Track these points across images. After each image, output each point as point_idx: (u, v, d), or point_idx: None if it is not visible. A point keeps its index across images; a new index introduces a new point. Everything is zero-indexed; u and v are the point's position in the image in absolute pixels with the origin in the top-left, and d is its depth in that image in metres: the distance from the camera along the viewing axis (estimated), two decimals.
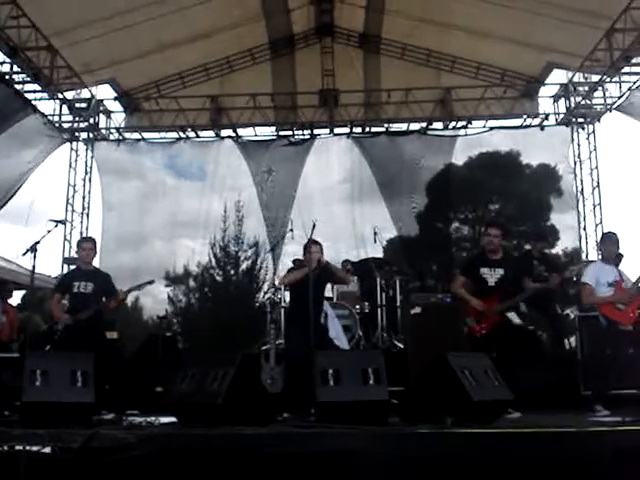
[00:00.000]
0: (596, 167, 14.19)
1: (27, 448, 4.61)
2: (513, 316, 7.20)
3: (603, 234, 8.05)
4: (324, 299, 8.16)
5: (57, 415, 5.31)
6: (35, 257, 6.84)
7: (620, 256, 8.09)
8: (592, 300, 7.57)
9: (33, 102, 12.72)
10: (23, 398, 5.64)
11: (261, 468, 4.48)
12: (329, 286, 11.05)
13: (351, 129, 14.63)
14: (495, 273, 7.29)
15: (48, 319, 8.81)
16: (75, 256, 8.28)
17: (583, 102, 13.83)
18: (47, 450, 4.70)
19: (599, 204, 14.02)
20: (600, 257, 7.89)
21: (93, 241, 8.36)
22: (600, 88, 13.38)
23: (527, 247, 11.09)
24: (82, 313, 7.60)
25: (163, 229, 14.93)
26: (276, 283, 12.27)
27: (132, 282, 8.20)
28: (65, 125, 14.29)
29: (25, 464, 4.48)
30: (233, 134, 14.77)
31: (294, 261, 10.19)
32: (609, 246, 7.59)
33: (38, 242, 6.91)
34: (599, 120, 14.08)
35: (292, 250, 11.91)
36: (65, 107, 13.92)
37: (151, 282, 8.16)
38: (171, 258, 15.77)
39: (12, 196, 12.56)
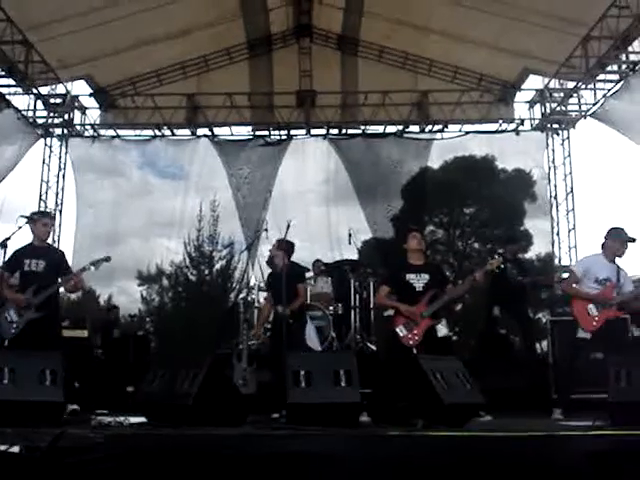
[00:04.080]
0: (570, 173, 14.31)
1: None
2: (442, 327, 7.11)
3: (610, 228, 7.33)
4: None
5: (25, 414, 5.24)
6: (5, 253, 6.73)
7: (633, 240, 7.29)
8: (569, 289, 7.45)
9: (7, 97, 12.58)
10: None
11: (230, 469, 4.45)
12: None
13: (328, 130, 14.64)
14: (421, 278, 7.07)
15: None
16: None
17: (558, 108, 13.95)
18: (15, 450, 4.64)
19: (573, 209, 14.13)
20: (602, 252, 7.33)
21: (52, 217, 7.68)
22: (575, 95, 13.52)
23: (499, 251, 11.17)
24: (36, 297, 6.93)
25: (139, 228, 14.87)
26: (250, 283, 12.24)
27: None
28: (39, 121, 14.14)
29: None
30: (209, 133, 14.71)
31: (268, 262, 10.16)
32: (612, 243, 7.20)
33: (8, 238, 6.79)
34: (574, 126, 14.21)
35: (267, 250, 11.89)
36: (40, 102, 13.80)
37: (107, 259, 7.38)
38: (147, 257, 15.70)
39: None
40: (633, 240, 7.20)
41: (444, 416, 5.29)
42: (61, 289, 7.39)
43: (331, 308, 10.70)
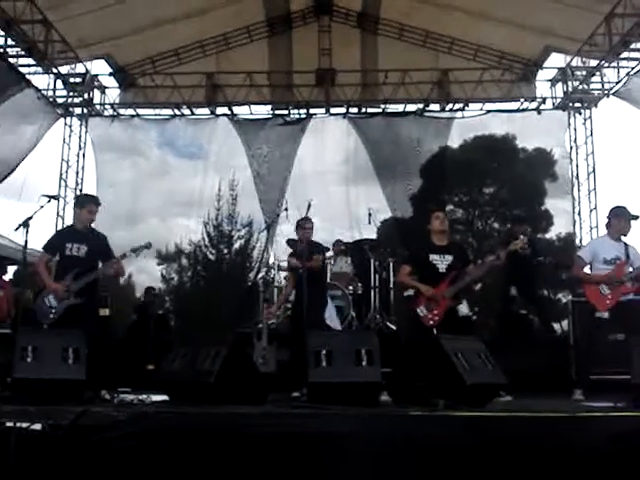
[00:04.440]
0: (592, 152, 14.12)
1: (17, 425, 4.59)
2: (463, 307, 7.09)
3: (613, 207, 7.40)
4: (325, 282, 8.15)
5: (48, 392, 5.29)
6: (27, 232, 6.71)
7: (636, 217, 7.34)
8: (578, 275, 7.46)
9: (27, 76, 12.61)
10: (14, 374, 5.62)
11: (252, 448, 4.47)
12: None
13: (347, 109, 14.54)
14: (445, 259, 7.09)
15: (35, 286, 8.06)
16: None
17: (581, 87, 13.76)
18: (38, 427, 4.69)
19: (594, 189, 13.96)
20: (607, 232, 7.40)
21: (98, 204, 7.45)
22: (598, 73, 13.33)
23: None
24: (75, 283, 6.89)
25: (159, 207, 14.89)
26: (269, 262, 12.26)
27: (127, 260, 7.64)
28: (59, 100, 14.16)
29: (15, 441, 4.45)
30: (228, 112, 14.66)
31: (288, 241, 10.15)
32: (617, 222, 7.25)
33: (30, 217, 6.78)
34: (596, 105, 14.02)
35: (287, 230, 11.89)
36: (59, 82, 13.81)
37: (148, 246, 7.37)
38: (166, 236, 15.75)
39: (12, 172, 12.46)
40: (636, 217, 7.24)
41: (466, 396, 5.29)
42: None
43: (351, 288, 10.71)
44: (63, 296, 6.89)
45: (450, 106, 14.37)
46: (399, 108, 14.57)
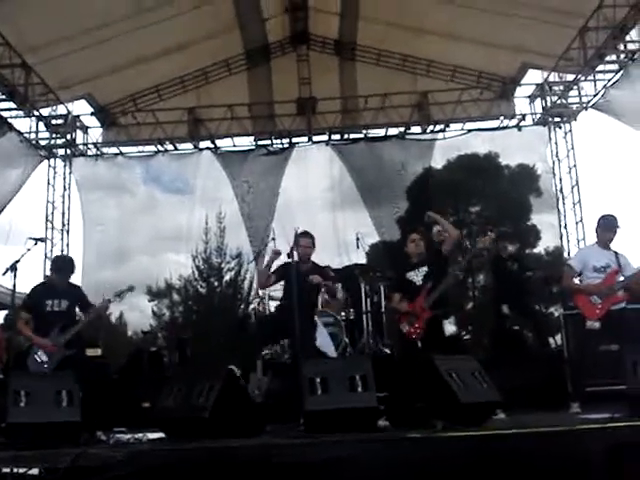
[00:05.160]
0: (574, 165, 14.26)
1: (14, 470, 4.55)
2: (449, 325, 7.10)
3: (600, 217, 7.35)
4: (317, 303, 8.04)
5: (43, 435, 5.24)
6: (15, 276, 6.72)
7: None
8: (568, 285, 7.48)
9: (9, 120, 12.63)
10: (8, 419, 5.56)
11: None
12: None
13: (329, 136, 14.65)
14: (419, 272, 7.24)
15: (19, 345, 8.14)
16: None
17: (559, 101, 13.93)
18: (34, 472, 4.64)
19: (579, 202, 14.07)
20: (596, 241, 7.35)
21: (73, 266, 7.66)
22: (575, 87, 13.51)
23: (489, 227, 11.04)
24: (63, 336, 6.98)
25: (147, 244, 14.89)
26: (260, 293, 12.22)
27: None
28: (42, 142, 14.19)
29: None
30: (211, 145, 14.72)
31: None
32: (604, 231, 7.21)
33: (18, 261, 6.80)
34: (575, 118, 14.17)
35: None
36: (41, 124, 13.85)
37: (131, 289, 7.48)
38: (156, 272, 15.70)
39: None
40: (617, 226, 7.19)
41: (461, 416, 5.27)
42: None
43: (343, 314, 10.67)
44: (52, 350, 6.96)
45: (431, 128, 14.50)
46: (381, 132, 14.71)
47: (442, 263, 7.37)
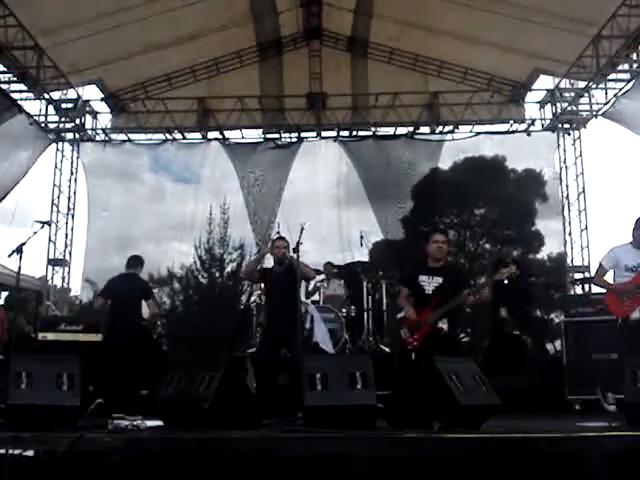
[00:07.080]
0: (582, 173, 14.25)
1: (11, 452, 4.56)
2: (443, 323, 6.88)
3: (637, 218, 7.20)
4: (298, 298, 7.99)
5: (42, 418, 5.25)
6: (21, 258, 6.73)
7: None
8: (598, 282, 7.47)
9: (19, 102, 12.65)
10: (8, 401, 5.57)
11: (248, 472, 4.46)
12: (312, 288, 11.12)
13: (338, 133, 14.65)
14: (433, 281, 6.90)
15: (32, 320, 8.28)
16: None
17: (569, 108, 13.91)
18: (32, 453, 4.66)
19: (585, 209, 14.08)
20: (631, 240, 7.23)
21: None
22: (586, 94, 13.47)
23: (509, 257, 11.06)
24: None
25: (152, 232, 14.88)
26: (261, 285, 12.23)
27: None
28: (51, 126, 14.21)
29: (9, 468, 4.42)
30: (220, 136, 14.74)
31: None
32: (636, 232, 7.14)
33: (24, 243, 6.81)
34: (585, 126, 14.16)
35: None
36: (51, 107, 13.87)
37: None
38: (159, 260, 15.70)
39: (4, 197, 12.45)
40: None
41: (460, 418, 5.27)
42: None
43: (344, 310, 10.70)
44: None
45: (440, 128, 14.49)
46: (390, 131, 14.71)
47: (457, 282, 7.01)
